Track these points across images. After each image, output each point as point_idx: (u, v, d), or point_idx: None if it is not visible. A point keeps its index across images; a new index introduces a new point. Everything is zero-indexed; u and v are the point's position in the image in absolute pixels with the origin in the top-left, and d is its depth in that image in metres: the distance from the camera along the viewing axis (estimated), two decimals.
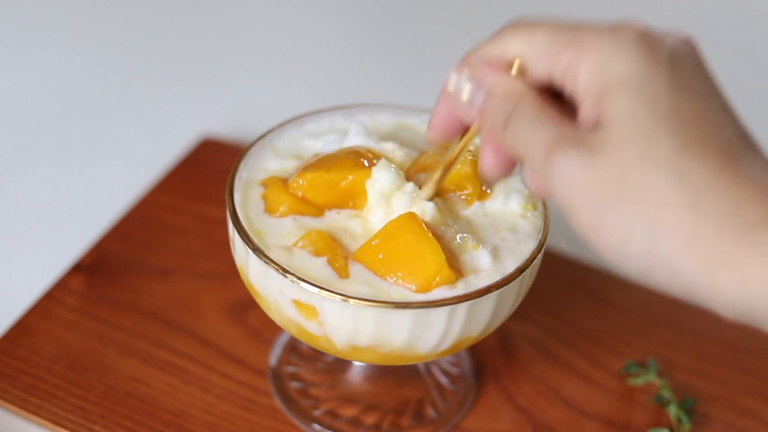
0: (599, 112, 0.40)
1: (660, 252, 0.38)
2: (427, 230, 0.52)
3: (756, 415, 0.68)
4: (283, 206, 0.55)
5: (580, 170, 0.39)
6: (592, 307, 0.75)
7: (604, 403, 0.67)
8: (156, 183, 0.81)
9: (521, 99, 0.43)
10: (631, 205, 0.38)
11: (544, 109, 0.42)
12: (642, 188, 0.38)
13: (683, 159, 0.38)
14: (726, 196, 0.37)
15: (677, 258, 0.38)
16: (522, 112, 0.43)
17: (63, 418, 0.62)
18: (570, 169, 0.40)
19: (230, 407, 0.64)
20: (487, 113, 0.44)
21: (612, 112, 0.39)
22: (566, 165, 0.40)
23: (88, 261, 0.74)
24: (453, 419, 0.65)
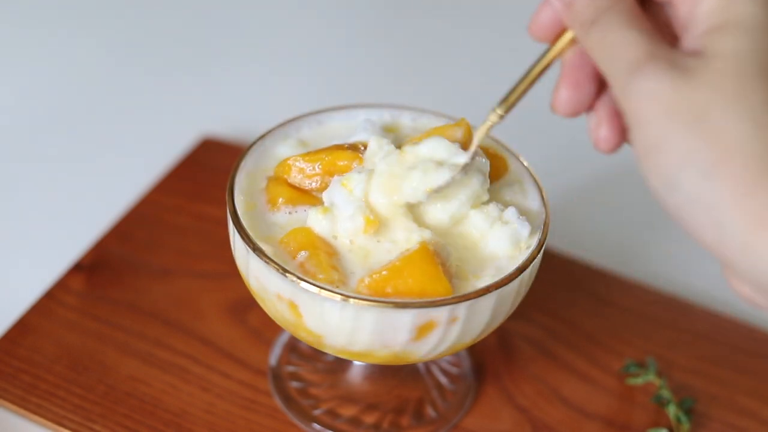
0: (706, 43, 0.39)
1: (710, 193, 0.37)
2: (440, 268, 0.51)
3: (755, 415, 0.68)
4: (281, 198, 0.55)
5: (667, 87, 0.39)
6: (592, 307, 0.75)
7: (604, 402, 0.67)
8: (156, 183, 0.81)
9: (616, 2, 0.41)
10: (705, 136, 0.38)
11: (640, 18, 0.41)
12: (722, 126, 0.37)
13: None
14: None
15: (725, 205, 0.37)
16: (615, 13, 0.41)
17: (63, 417, 0.62)
18: (657, 83, 0.39)
19: (230, 407, 0.64)
20: (575, 6, 0.43)
21: (720, 45, 0.39)
22: (654, 79, 0.39)
23: (88, 261, 0.74)
24: (453, 419, 0.65)
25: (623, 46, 0.40)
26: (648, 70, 0.39)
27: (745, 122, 0.37)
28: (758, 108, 0.37)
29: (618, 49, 0.40)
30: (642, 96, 0.39)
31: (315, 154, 0.57)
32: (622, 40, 0.40)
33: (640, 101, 0.39)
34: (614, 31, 0.41)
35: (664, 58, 0.39)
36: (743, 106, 0.37)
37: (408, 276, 0.51)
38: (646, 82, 0.39)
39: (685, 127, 0.38)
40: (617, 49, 0.40)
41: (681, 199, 0.39)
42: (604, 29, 0.41)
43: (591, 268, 0.78)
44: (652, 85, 0.39)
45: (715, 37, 0.39)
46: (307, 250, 0.52)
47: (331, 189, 0.54)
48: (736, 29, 0.39)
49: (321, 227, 0.53)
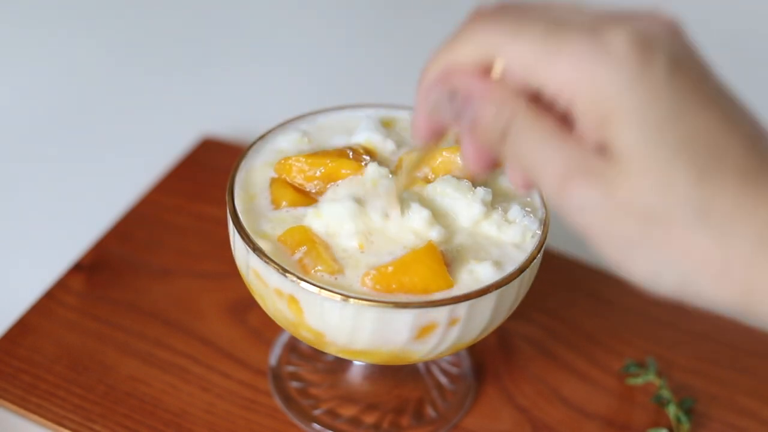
0: (604, 138, 0.38)
1: (692, 285, 0.38)
2: (444, 266, 0.52)
3: (755, 415, 0.68)
4: (284, 201, 0.56)
5: (599, 207, 0.38)
6: (592, 307, 0.75)
7: (604, 402, 0.67)
8: (156, 183, 0.81)
9: (516, 109, 0.40)
10: (658, 244, 0.37)
11: (543, 122, 0.39)
12: (666, 226, 0.37)
13: (702, 191, 0.37)
14: (752, 222, 0.36)
15: (710, 291, 0.38)
16: (520, 125, 0.40)
17: (63, 417, 0.62)
18: (589, 203, 0.38)
19: (230, 407, 0.64)
20: (479, 128, 0.41)
21: (620, 142, 0.38)
22: (584, 197, 0.38)
23: (88, 261, 0.74)
24: (453, 419, 0.65)
25: (541, 162, 0.39)
26: (574, 188, 0.38)
27: (686, 214, 0.37)
28: (690, 190, 0.37)
29: (537, 165, 0.39)
30: (580, 216, 0.39)
31: (318, 157, 0.57)
32: (535, 153, 0.39)
33: (580, 221, 0.39)
34: (525, 145, 0.40)
35: (583, 170, 0.38)
36: (676, 197, 0.37)
37: (414, 273, 0.51)
38: (577, 201, 0.38)
39: (637, 240, 0.38)
40: (536, 164, 0.40)
41: (671, 292, 0.39)
42: (515, 143, 0.40)
43: (591, 268, 0.78)
44: (585, 204, 0.38)
45: (611, 132, 0.38)
46: (305, 245, 0.52)
47: (326, 212, 0.54)
48: (624, 118, 0.37)
49: (318, 227, 0.54)
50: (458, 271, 0.52)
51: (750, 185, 0.37)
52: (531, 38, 0.39)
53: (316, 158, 0.57)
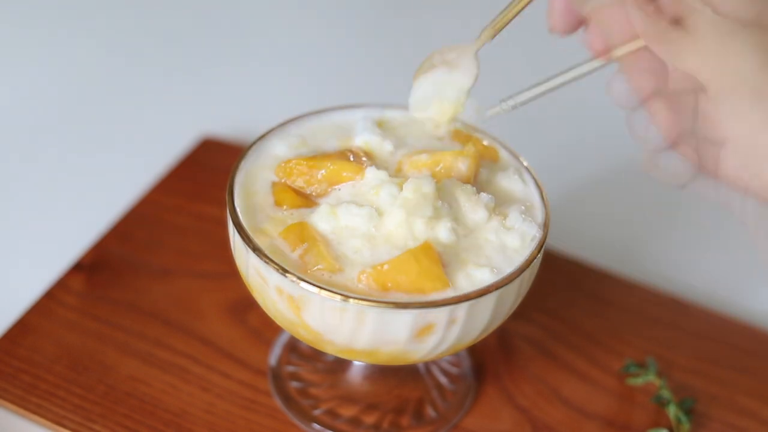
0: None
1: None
2: (440, 267, 0.52)
3: (755, 415, 0.68)
4: (285, 205, 0.56)
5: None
6: (592, 307, 0.75)
7: (604, 403, 0.67)
8: (156, 183, 0.81)
9: None
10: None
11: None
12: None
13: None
14: None
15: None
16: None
17: (63, 417, 0.62)
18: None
19: (230, 407, 0.64)
20: None
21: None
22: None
23: (88, 260, 0.74)
24: (453, 419, 0.65)
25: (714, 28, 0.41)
26: (743, 32, 0.41)
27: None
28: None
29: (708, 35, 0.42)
30: (738, 52, 0.40)
31: (319, 160, 0.57)
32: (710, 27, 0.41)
33: (735, 60, 0.40)
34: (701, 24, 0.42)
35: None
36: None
37: (408, 272, 0.51)
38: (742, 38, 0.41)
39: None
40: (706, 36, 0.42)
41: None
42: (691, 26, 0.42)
43: (591, 268, 0.78)
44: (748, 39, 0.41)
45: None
46: (306, 242, 0.52)
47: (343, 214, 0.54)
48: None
49: (324, 227, 0.54)
50: (456, 274, 0.52)
51: None
52: None
53: (316, 161, 0.57)
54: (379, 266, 0.51)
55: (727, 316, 0.75)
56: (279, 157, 0.59)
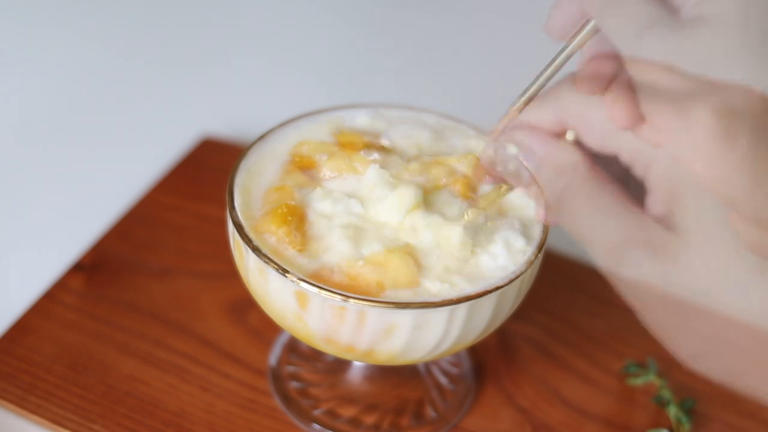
0: (670, 212, 0.38)
1: (740, 375, 0.39)
2: (415, 272, 0.52)
3: (755, 415, 0.68)
4: (290, 181, 0.57)
5: (653, 277, 0.37)
6: (592, 308, 0.75)
7: (604, 403, 0.67)
8: (156, 182, 0.81)
9: (572, 177, 0.41)
10: (705, 329, 0.37)
11: (602, 190, 0.40)
12: (720, 313, 0.37)
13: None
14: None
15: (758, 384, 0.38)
16: (575, 192, 0.40)
17: (63, 417, 0.62)
18: (641, 272, 0.38)
19: (230, 407, 0.64)
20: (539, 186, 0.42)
21: (685, 219, 0.37)
22: (637, 266, 0.38)
23: (88, 260, 0.74)
24: (452, 419, 0.65)
25: (595, 230, 0.40)
26: (629, 257, 0.39)
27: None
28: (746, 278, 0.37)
29: (591, 232, 0.40)
30: (629, 281, 0.39)
31: (336, 146, 0.59)
32: (589, 223, 0.41)
33: (628, 285, 0.40)
34: (580, 212, 0.41)
35: (640, 241, 0.39)
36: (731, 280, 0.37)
37: (383, 272, 0.51)
38: (629, 269, 0.39)
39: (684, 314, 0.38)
40: (590, 231, 0.40)
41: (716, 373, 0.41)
42: (569, 208, 0.41)
43: (591, 268, 0.78)
44: (636, 272, 0.39)
45: (677, 207, 0.38)
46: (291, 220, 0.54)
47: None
48: (695, 196, 0.37)
49: (323, 207, 0.55)
50: (427, 279, 0.52)
51: None
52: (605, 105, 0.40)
53: (332, 146, 0.59)
54: (354, 261, 0.52)
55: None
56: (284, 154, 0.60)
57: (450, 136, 0.62)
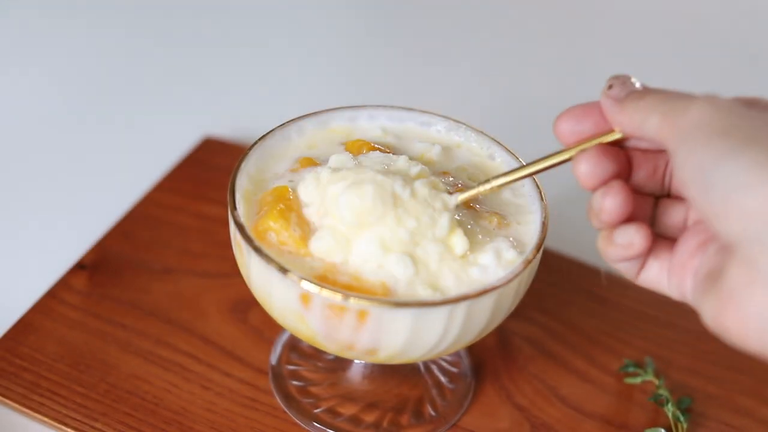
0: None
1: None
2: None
3: (753, 414, 0.68)
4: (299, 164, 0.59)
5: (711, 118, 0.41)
6: (591, 307, 0.75)
7: (602, 402, 0.68)
8: (158, 182, 0.82)
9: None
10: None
11: None
12: None
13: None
14: None
15: None
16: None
17: (65, 416, 0.63)
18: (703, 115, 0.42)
19: (231, 405, 0.65)
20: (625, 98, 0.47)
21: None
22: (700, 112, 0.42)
23: (90, 260, 0.74)
24: (452, 418, 0.66)
25: (677, 94, 0.44)
26: (704, 95, 0.42)
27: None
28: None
29: (667, 102, 0.44)
30: (700, 104, 0.42)
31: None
32: (673, 93, 0.44)
33: (697, 110, 0.42)
34: (665, 91, 0.45)
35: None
36: None
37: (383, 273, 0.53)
38: (704, 97, 0.42)
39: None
40: (666, 102, 0.44)
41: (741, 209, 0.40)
42: (653, 95, 0.45)
43: (590, 268, 0.78)
44: (710, 98, 0.42)
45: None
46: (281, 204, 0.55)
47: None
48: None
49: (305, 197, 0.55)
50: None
51: None
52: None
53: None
54: (331, 266, 0.53)
55: None
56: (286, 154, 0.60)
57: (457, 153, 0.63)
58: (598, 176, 0.48)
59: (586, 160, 0.48)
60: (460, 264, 0.53)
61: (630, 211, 0.47)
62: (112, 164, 0.87)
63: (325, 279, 0.52)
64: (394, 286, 0.52)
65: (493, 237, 0.56)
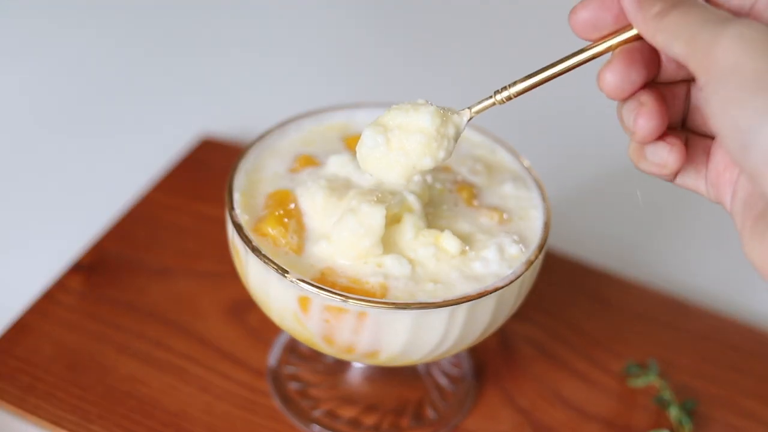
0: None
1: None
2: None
3: (756, 416, 0.67)
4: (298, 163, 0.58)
5: (760, 32, 0.37)
6: (593, 309, 0.75)
7: (605, 404, 0.67)
8: (155, 182, 0.81)
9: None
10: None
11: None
12: None
13: None
14: None
15: None
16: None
17: (61, 417, 0.62)
18: (749, 29, 0.38)
19: (229, 407, 0.64)
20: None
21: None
22: (746, 26, 0.38)
23: (87, 260, 0.74)
24: (453, 420, 0.65)
25: (707, 13, 0.39)
26: (739, 20, 0.38)
27: None
28: None
29: (703, 16, 0.39)
30: (734, 42, 0.38)
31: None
32: (704, 9, 0.40)
33: (733, 47, 0.38)
34: (695, 6, 0.40)
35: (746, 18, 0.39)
36: None
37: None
38: (738, 28, 0.38)
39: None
40: (701, 16, 0.40)
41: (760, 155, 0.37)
42: (681, 13, 0.40)
43: (591, 269, 0.78)
44: (746, 30, 0.38)
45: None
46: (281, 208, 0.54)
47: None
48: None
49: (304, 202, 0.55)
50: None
51: None
52: None
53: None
54: (329, 269, 0.52)
55: (727, 317, 0.75)
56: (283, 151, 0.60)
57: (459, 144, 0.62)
58: (627, 88, 0.44)
59: (610, 70, 0.44)
60: (460, 260, 0.53)
61: (664, 129, 0.44)
62: (109, 164, 0.87)
63: (324, 281, 0.51)
64: (394, 285, 0.52)
65: (495, 233, 0.56)
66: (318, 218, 0.54)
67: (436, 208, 0.57)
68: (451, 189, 0.59)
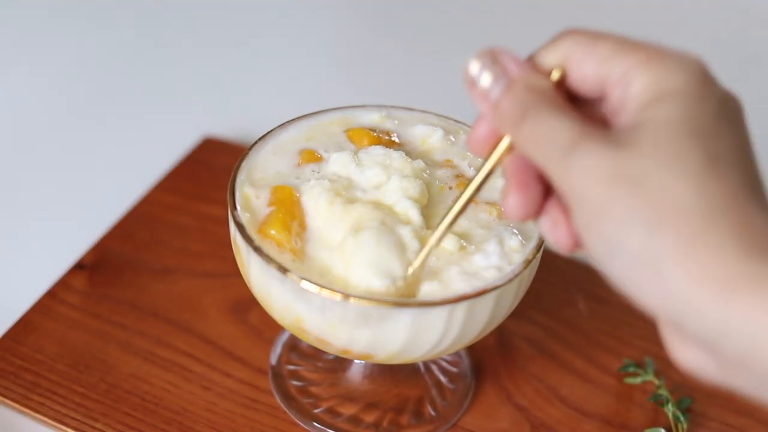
0: (640, 117, 0.39)
1: (654, 250, 0.37)
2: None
3: (753, 414, 0.68)
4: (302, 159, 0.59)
5: (604, 159, 0.38)
6: (591, 307, 0.75)
7: (602, 402, 0.68)
8: (158, 182, 0.82)
9: (543, 93, 0.41)
10: (646, 197, 0.37)
11: (568, 107, 0.41)
12: (662, 186, 0.37)
13: (709, 171, 0.37)
14: (741, 215, 0.36)
15: (669, 260, 0.37)
16: (543, 104, 0.41)
17: (65, 415, 0.63)
18: (594, 158, 0.38)
19: (231, 405, 0.65)
20: (502, 106, 0.42)
21: (652, 114, 0.39)
22: (590, 154, 0.38)
23: (90, 260, 0.74)
24: (452, 418, 0.66)
25: (556, 132, 0.40)
26: (583, 148, 0.39)
27: (684, 180, 0.37)
28: (695, 166, 0.37)
29: (551, 137, 0.40)
30: (580, 172, 0.39)
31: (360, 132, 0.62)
32: (553, 127, 0.40)
33: (579, 177, 0.39)
34: (545, 122, 0.41)
35: (597, 135, 0.39)
36: (681, 167, 0.37)
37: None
38: (581, 159, 0.39)
39: (625, 192, 0.38)
40: (550, 137, 0.40)
41: (625, 261, 0.39)
42: (534, 122, 0.41)
43: (590, 268, 0.78)
44: (588, 161, 0.39)
45: (648, 109, 0.39)
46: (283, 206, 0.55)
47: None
48: (668, 99, 0.39)
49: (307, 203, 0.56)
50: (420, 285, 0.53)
51: (751, 190, 0.37)
52: (611, 39, 0.42)
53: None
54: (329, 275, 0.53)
55: None
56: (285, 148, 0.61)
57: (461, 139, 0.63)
58: (529, 210, 0.44)
59: (511, 195, 0.43)
60: (459, 256, 0.54)
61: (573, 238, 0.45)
62: (112, 164, 0.87)
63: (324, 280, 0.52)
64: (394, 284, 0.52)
65: (494, 228, 0.56)
66: (321, 219, 0.55)
67: (435, 206, 0.57)
68: (451, 185, 0.59)
